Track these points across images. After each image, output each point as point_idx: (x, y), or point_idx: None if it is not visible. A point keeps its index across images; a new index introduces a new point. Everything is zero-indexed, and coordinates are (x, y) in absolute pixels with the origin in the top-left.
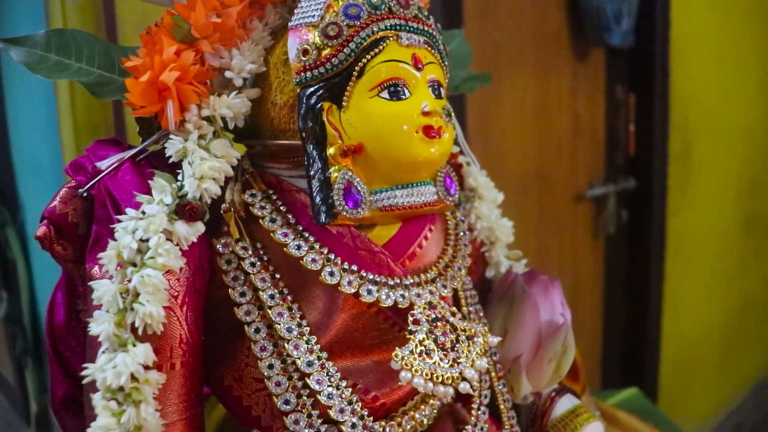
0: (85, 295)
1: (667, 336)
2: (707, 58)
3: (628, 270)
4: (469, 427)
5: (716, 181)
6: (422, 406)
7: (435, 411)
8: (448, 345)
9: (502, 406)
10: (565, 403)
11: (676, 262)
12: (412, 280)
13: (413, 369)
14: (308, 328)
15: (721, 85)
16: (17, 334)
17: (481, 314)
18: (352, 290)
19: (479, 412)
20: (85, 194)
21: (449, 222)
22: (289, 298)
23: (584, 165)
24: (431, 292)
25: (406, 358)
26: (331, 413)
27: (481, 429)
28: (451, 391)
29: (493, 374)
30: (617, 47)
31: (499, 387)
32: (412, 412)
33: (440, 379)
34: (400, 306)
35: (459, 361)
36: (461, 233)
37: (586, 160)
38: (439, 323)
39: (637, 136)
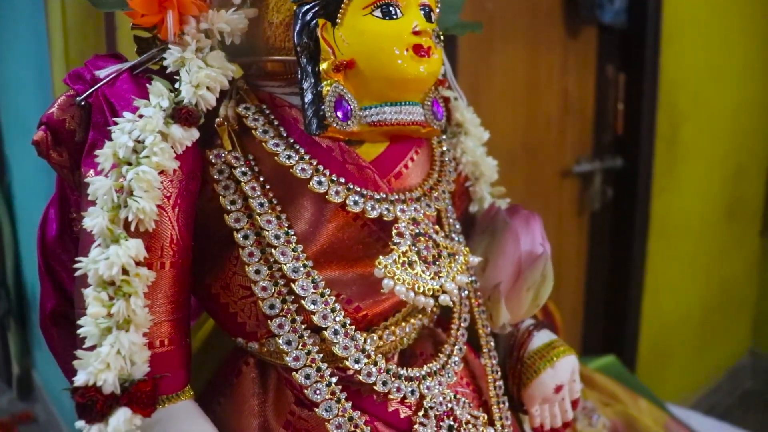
0: (79, 202)
1: (647, 316)
2: (697, 44)
3: (612, 248)
4: (448, 346)
5: (701, 165)
6: (403, 324)
7: (416, 331)
8: (430, 259)
9: (480, 331)
10: (542, 337)
11: (658, 242)
12: (397, 197)
13: (395, 277)
14: (295, 238)
15: (710, 71)
16: (1, 296)
17: (463, 242)
18: (339, 200)
19: (458, 333)
20: (83, 102)
21: (435, 150)
22: (278, 208)
23: (572, 141)
24: (416, 210)
25: (389, 266)
26: (314, 319)
27: (460, 349)
28: (431, 302)
29: (473, 300)
30: (609, 26)
31: (479, 312)
32: (393, 327)
33: (421, 289)
34: (385, 218)
35: (440, 274)
36: (447, 160)
37: (574, 136)
38: (422, 238)
39: (625, 116)
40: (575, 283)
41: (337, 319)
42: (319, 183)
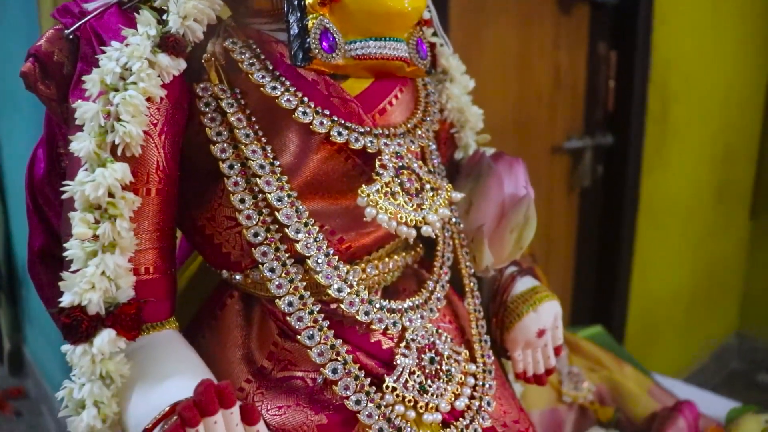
0: (66, 137)
1: (635, 294)
2: (690, 24)
3: (601, 225)
4: (431, 282)
5: (691, 145)
6: (386, 259)
7: (399, 269)
8: (413, 191)
9: (464, 272)
10: (525, 282)
11: (647, 221)
12: (381, 131)
13: (378, 206)
14: (280, 169)
15: (702, 52)
16: None
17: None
18: (323, 130)
19: (441, 271)
20: (71, 35)
21: (420, 92)
22: (263, 139)
23: (563, 117)
24: (399, 145)
25: (371, 195)
26: (298, 247)
27: (443, 287)
28: (413, 232)
29: (456, 241)
30: (601, 2)
31: (462, 253)
32: (376, 262)
33: (403, 219)
34: (369, 150)
35: (423, 207)
36: (431, 102)
37: (565, 112)
38: (405, 171)
39: (616, 93)
40: (564, 260)
41: (321, 248)
42: (304, 113)
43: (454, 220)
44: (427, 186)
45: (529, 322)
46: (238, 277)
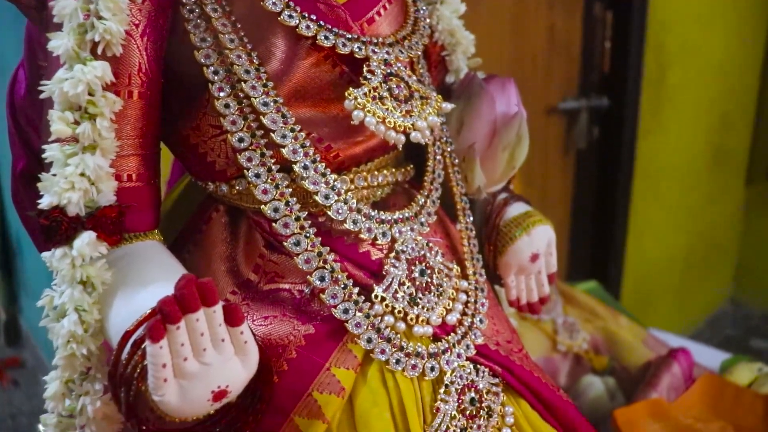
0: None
1: (631, 258)
2: None
3: (597, 187)
4: (421, 197)
5: (688, 110)
6: (376, 172)
7: (389, 185)
8: (402, 97)
9: (455, 190)
10: (518, 207)
11: (643, 185)
12: (369, 39)
13: (366, 109)
14: (266, 75)
15: (699, 16)
16: None
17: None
18: (310, 33)
19: (432, 186)
20: None
21: (410, 8)
22: (248, 45)
23: (558, 79)
24: (388, 53)
25: (359, 98)
26: (284, 152)
27: (433, 202)
28: (402, 138)
29: (447, 160)
30: None
31: (453, 172)
32: (365, 174)
33: (392, 124)
34: (356, 56)
35: (412, 113)
36: (420, 17)
37: (560, 73)
38: (394, 78)
39: (612, 55)
40: (559, 223)
41: (308, 154)
42: (290, 17)
43: (444, 139)
44: (416, 94)
45: (522, 245)
46: (224, 188)
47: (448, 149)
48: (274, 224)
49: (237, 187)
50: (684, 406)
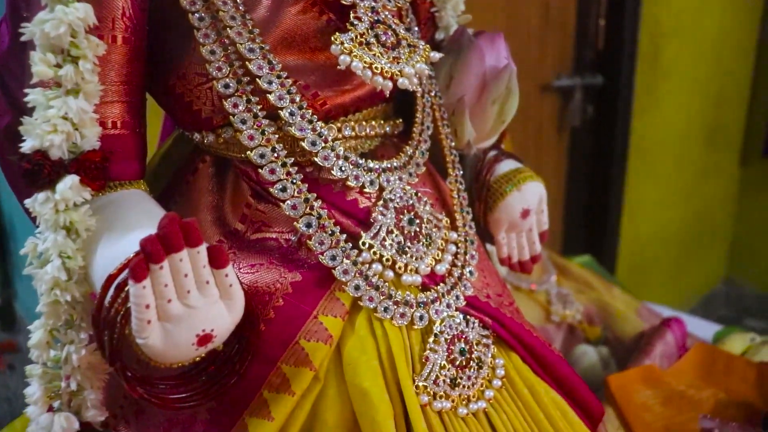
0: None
1: (625, 237)
2: None
3: (591, 165)
4: (409, 148)
5: (683, 88)
6: (364, 123)
7: (378, 137)
8: (389, 44)
9: (444, 143)
10: (509, 163)
11: (637, 163)
12: None
13: (352, 54)
14: (252, 22)
15: None
16: None
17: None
18: None
19: (421, 138)
20: None
21: None
22: None
23: (552, 56)
24: (375, 1)
25: (345, 43)
26: (271, 99)
27: (422, 153)
28: (389, 84)
29: (437, 114)
30: None
31: (443, 125)
32: (353, 123)
33: (379, 70)
34: (343, 3)
35: (399, 60)
36: None
37: (555, 50)
38: (381, 25)
39: (606, 32)
40: (554, 200)
41: (295, 101)
42: None
43: (434, 92)
44: (404, 42)
45: (513, 200)
46: (210, 138)
47: (437, 102)
48: (260, 170)
49: (223, 136)
50: (677, 373)
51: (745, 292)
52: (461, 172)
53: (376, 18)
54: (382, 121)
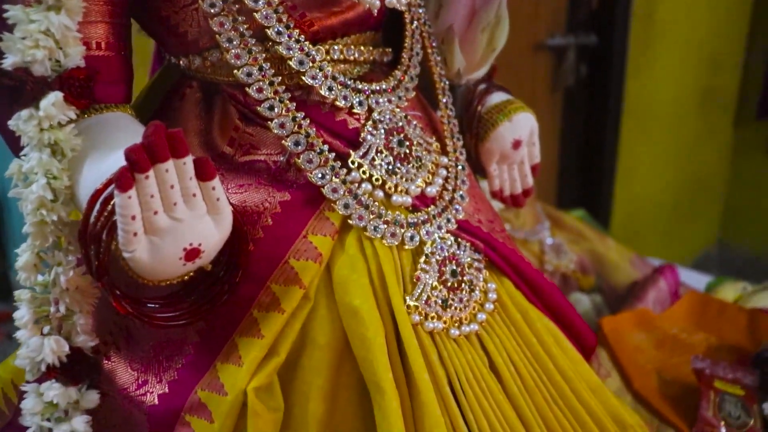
0: None
1: (619, 199)
2: None
3: (585, 126)
4: (398, 72)
5: (677, 49)
6: (352, 47)
7: (366, 63)
8: None
9: (434, 69)
10: (500, 95)
11: (632, 124)
12: None
13: None
14: None
15: None
16: None
17: None
18: None
19: (410, 63)
20: None
21: None
22: None
23: (545, 14)
24: None
25: None
26: (257, 17)
27: (411, 78)
28: (377, 2)
29: (426, 42)
30: None
31: (432, 54)
32: (341, 47)
33: None
34: None
35: None
36: None
37: (548, 9)
38: None
39: None
40: (547, 163)
41: (282, 20)
42: None
43: (423, 20)
44: None
45: (504, 131)
46: (197, 61)
47: (427, 30)
48: (247, 90)
49: (210, 59)
50: (669, 318)
51: (738, 255)
52: (452, 99)
53: None
54: (371, 48)
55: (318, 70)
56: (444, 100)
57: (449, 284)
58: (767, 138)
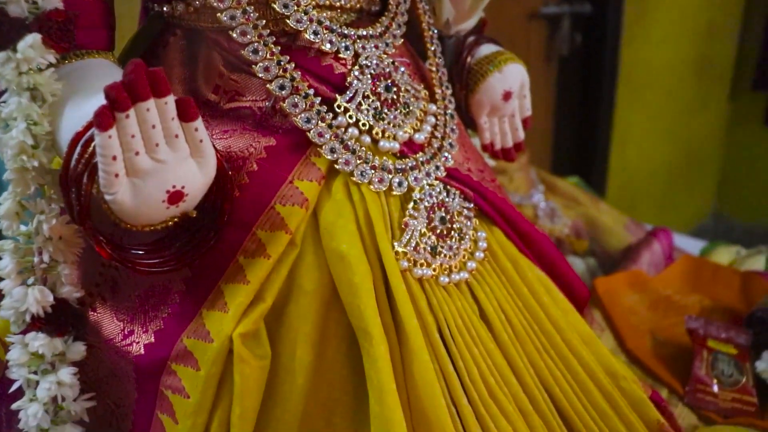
0: None
1: (613, 169)
2: None
3: (580, 95)
4: (386, 19)
5: (672, 17)
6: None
7: (353, 11)
8: None
9: (422, 17)
10: (490, 47)
11: (627, 93)
12: None
13: None
14: None
15: None
16: None
17: None
18: None
19: (398, 10)
20: None
21: None
22: None
23: None
24: None
25: None
26: None
27: (399, 25)
28: None
29: None
30: None
31: (421, 6)
32: None
33: None
34: None
35: None
36: None
37: None
38: None
39: None
40: (542, 131)
41: None
42: None
43: None
44: None
45: (494, 81)
46: (180, 7)
47: None
48: (231, 33)
49: (193, 5)
50: (663, 280)
51: (734, 226)
52: (440, 48)
53: None
54: None
55: (303, 14)
56: (432, 48)
57: (438, 231)
58: (763, 109)
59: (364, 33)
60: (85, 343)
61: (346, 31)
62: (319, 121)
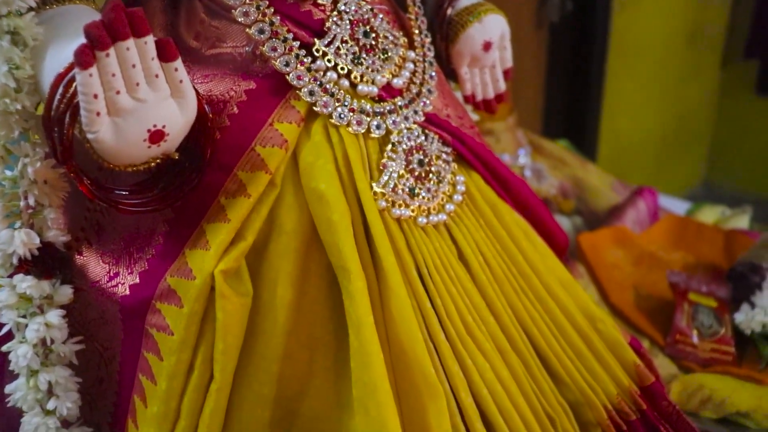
0: None
1: (604, 138)
2: None
3: (571, 63)
4: None
5: None
6: None
7: None
8: None
9: None
10: None
11: (618, 62)
12: None
13: None
14: None
15: None
16: None
17: None
18: None
19: None
20: None
21: None
22: None
23: None
24: None
25: None
26: None
27: None
28: None
29: None
30: None
31: None
32: None
33: None
34: None
35: None
36: None
37: None
38: None
39: None
40: (532, 100)
41: None
42: None
43: None
44: None
45: (474, 32)
46: None
47: None
48: None
49: None
50: (647, 238)
51: (725, 195)
52: None
53: None
54: None
55: None
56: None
57: (416, 173)
58: (754, 77)
59: None
60: (72, 286)
61: None
62: (298, 65)
